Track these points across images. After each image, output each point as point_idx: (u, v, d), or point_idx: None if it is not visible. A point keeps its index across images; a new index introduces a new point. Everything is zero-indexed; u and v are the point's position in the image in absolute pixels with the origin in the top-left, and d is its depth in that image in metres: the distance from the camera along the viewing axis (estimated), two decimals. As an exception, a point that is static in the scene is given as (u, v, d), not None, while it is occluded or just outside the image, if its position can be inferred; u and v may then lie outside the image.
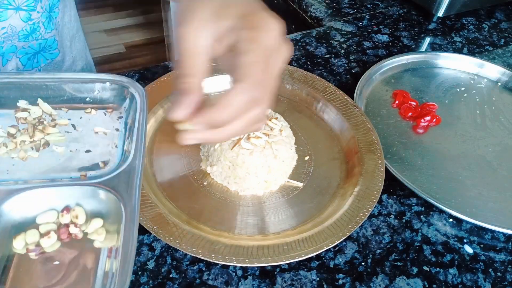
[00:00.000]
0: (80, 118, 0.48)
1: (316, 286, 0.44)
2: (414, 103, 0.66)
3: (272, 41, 0.34)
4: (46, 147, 0.45)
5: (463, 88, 0.72)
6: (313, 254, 0.44)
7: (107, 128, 0.48)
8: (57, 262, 0.38)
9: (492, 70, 0.75)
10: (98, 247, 0.39)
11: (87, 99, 0.49)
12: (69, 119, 0.48)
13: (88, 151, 0.45)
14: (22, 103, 0.47)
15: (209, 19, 0.35)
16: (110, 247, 0.38)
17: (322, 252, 0.46)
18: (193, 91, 0.35)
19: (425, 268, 0.47)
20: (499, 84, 0.74)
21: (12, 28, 0.56)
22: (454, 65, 0.76)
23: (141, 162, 0.41)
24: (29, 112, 0.47)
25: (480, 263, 0.49)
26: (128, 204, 0.38)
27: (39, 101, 0.48)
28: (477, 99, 0.70)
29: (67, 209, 0.40)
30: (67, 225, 0.40)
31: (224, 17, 0.35)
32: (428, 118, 0.64)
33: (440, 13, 0.86)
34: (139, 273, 0.44)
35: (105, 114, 0.49)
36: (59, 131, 0.47)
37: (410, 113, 0.65)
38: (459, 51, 0.81)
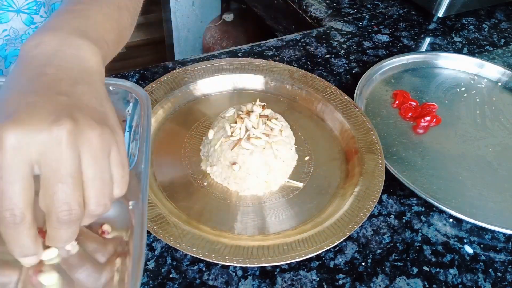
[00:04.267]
0: None
1: (316, 286, 0.44)
2: (414, 103, 0.66)
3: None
4: None
5: (463, 88, 0.72)
6: (313, 254, 0.44)
7: None
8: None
9: (492, 70, 0.75)
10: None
11: None
12: None
13: None
14: None
15: None
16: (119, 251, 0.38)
17: (322, 252, 0.46)
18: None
19: (425, 268, 0.47)
20: (499, 84, 0.74)
21: (15, 31, 0.56)
22: (454, 65, 0.76)
23: (147, 166, 0.41)
24: None
25: (480, 263, 0.49)
26: (136, 208, 0.37)
27: None
28: (477, 99, 0.70)
29: None
30: None
31: None
32: (428, 118, 0.64)
33: (440, 13, 0.86)
34: (139, 273, 0.44)
35: None
36: None
37: (410, 113, 0.65)
38: (459, 51, 0.81)
